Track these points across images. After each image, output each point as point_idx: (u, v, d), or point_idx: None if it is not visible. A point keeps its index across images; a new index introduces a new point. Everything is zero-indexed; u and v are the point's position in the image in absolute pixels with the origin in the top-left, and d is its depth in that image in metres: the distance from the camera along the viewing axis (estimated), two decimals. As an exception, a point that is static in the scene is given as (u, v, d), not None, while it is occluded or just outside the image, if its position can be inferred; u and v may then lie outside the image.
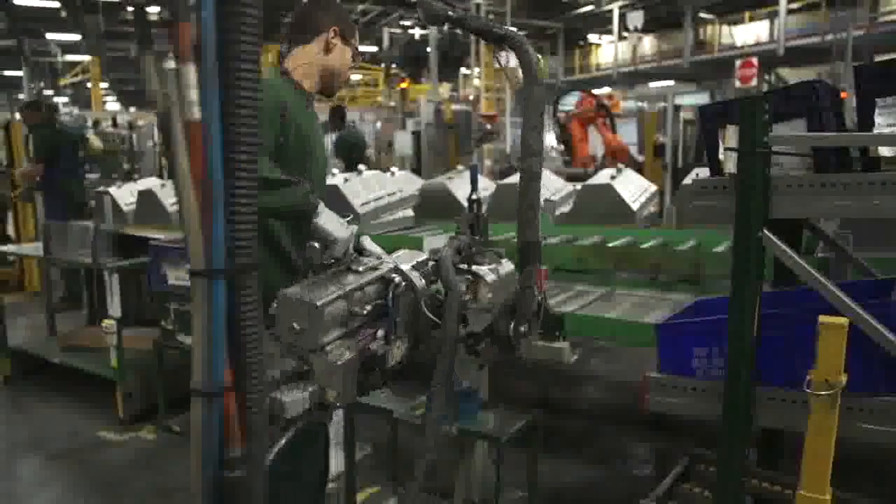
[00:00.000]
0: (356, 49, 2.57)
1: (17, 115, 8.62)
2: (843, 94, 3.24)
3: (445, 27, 2.19)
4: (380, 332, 1.87)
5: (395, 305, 1.90)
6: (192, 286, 1.12)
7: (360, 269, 1.95)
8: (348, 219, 2.19)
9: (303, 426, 1.70)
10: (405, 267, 2.02)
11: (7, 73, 27.87)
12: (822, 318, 1.86)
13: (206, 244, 1.06)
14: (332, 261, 2.02)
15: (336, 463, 3.28)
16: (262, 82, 2.15)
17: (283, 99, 2.34)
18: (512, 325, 2.06)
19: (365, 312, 1.84)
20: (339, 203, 5.06)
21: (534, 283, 2.06)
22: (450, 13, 2.03)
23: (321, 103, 2.56)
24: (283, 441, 1.61)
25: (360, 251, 2.20)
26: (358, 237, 2.26)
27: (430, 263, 2.10)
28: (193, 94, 1.04)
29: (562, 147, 13.50)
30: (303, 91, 2.50)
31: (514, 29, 2.17)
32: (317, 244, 2.01)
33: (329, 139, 10.10)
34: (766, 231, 2.10)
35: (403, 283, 1.94)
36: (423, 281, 2.01)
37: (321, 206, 2.13)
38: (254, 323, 1.16)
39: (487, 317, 2.08)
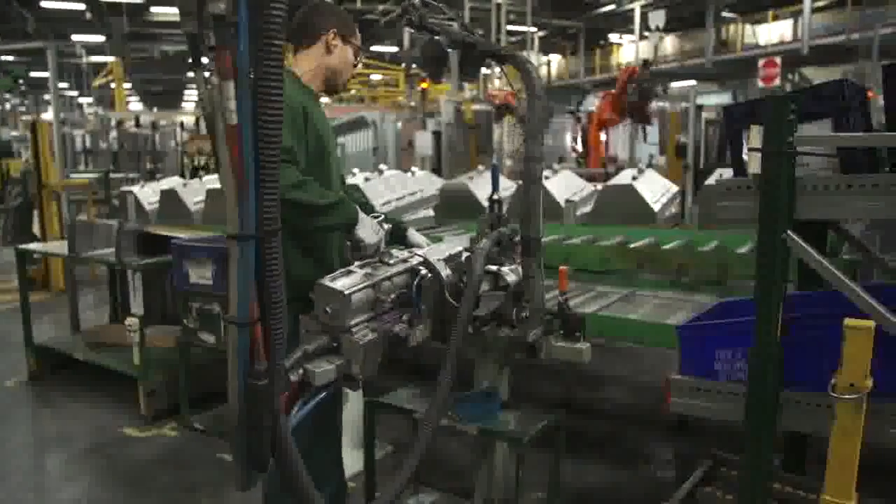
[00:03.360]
0: (357, 47, 2.65)
1: (44, 116, 8.75)
2: (869, 94, 3.20)
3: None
4: (405, 317, 2.17)
5: (418, 294, 2.19)
6: (229, 246, 1.42)
7: (391, 261, 2.25)
8: (380, 219, 2.43)
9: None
10: (435, 258, 2.30)
11: (34, 74, 28.29)
12: (848, 321, 1.84)
13: (242, 216, 1.39)
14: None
15: (354, 462, 3.30)
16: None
17: (303, 104, 2.43)
18: (515, 310, 2.38)
19: (390, 300, 2.14)
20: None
21: (535, 274, 2.37)
22: (466, 39, 2.39)
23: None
24: (312, 404, 1.95)
25: (406, 242, 2.63)
26: (405, 230, 2.69)
27: (465, 255, 2.41)
28: (232, 104, 1.35)
29: (580, 149, 13.51)
30: (312, 92, 2.58)
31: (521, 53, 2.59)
32: (349, 243, 2.37)
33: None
34: (791, 233, 2.08)
35: (429, 275, 2.24)
36: (449, 271, 2.29)
37: (361, 216, 2.36)
38: (276, 274, 1.45)
39: (495, 302, 2.37)
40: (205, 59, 1.38)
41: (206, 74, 1.37)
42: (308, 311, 2.10)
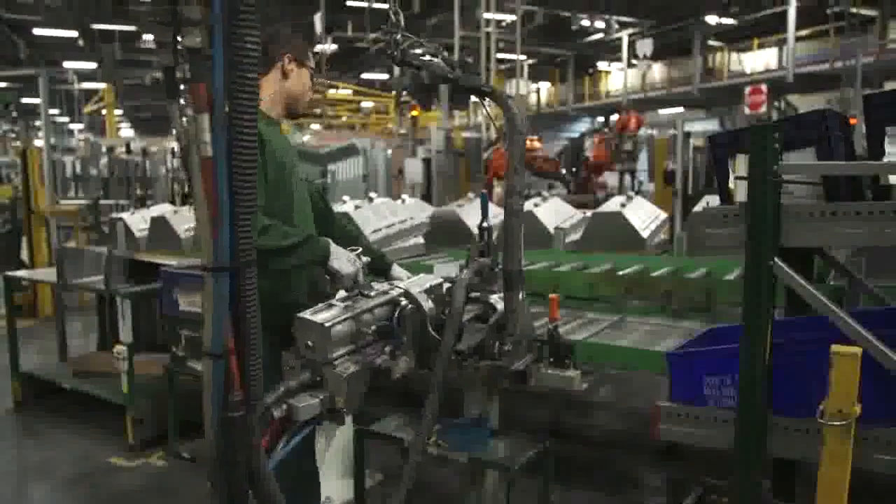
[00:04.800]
0: (312, 69, 2.64)
1: (35, 143, 8.74)
2: (852, 121, 3.25)
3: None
4: (387, 349, 2.16)
5: (400, 325, 2.18)
6: (204, 279, 1.42)
7: (372, 293, 2.24)
8: (357, 252, 2.37)
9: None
10: (417, 290, 2.27)
11: (25, 100, 28.29)
12: (835, 347, 1.85)
13: (216, 248, 1.40)
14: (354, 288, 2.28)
15: (344, 491, 3.27)
16: None
17: (259, 133, 2.38)
18: (497, 343, 2.37)
19: (371, 332, 2.13)
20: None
21: (517, 307, 2.35)
22: (448, 75, 2.37)
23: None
24: (297, 439, 1.91)
25: (389, 276, 2.64)
26: (389, 264, 2.71)
27: (447, 286, 2.39)
28: (206, 137, 1.36)
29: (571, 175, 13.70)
30: (271, 119, 2.55)
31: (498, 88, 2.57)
32: (327, 276, 2.34)
33: None
34: (777, 260, 2.09)
35: (410, 306, 2.22)
36: (431, 303, 2.27)
37: (332, 248, 2.33)
38: (251, 305, 1.45)
39: (478, 336, 2.35)
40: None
41: (182, 107, 1.39)
42: (284, 346, 2.08)
